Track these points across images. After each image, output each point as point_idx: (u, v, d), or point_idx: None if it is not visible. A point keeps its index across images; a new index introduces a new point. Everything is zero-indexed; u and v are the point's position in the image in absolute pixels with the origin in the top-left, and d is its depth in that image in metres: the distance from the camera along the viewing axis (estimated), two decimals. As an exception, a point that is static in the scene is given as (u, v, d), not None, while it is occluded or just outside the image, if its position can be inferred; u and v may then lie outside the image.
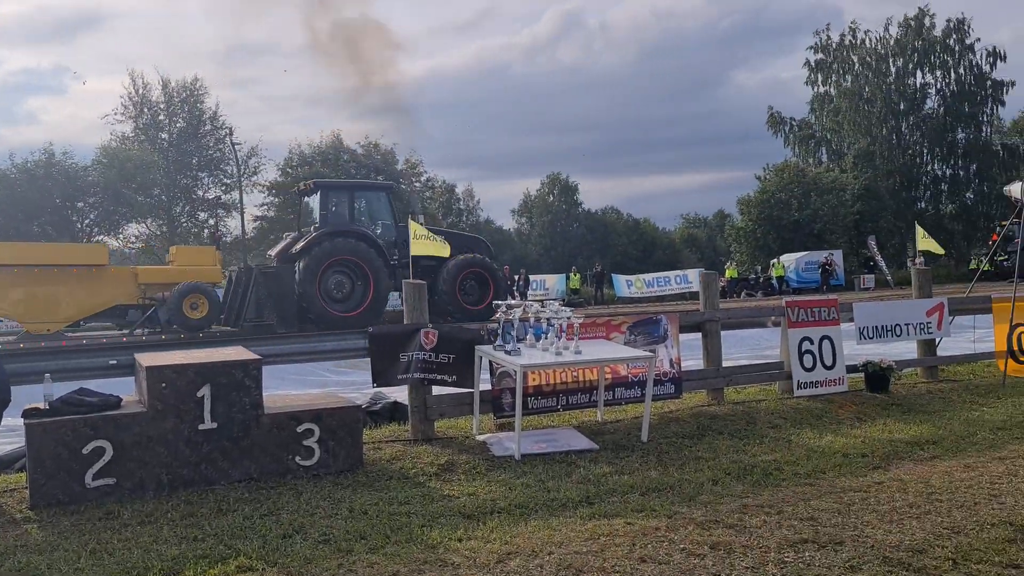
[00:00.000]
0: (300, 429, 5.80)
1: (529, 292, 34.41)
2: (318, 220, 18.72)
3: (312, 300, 17.44)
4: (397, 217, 20.18)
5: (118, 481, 5.34)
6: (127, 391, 6.14)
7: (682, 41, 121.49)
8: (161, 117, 44.31)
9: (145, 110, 44.02)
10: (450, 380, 6.88)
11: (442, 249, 9.35)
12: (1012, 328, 9.76)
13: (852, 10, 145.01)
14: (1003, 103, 53.93)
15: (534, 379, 7.14)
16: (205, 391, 5.53)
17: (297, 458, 5.79)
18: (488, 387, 7.10)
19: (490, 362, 6.91)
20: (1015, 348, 9.83)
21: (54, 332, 16.34)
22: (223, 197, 44.85)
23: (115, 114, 43.70)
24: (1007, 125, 57.26)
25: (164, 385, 5.47)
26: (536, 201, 63.67)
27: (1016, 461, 5.99)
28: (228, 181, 44.83)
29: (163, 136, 44.27)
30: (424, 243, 8.90)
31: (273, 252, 20.11)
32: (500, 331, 6.67)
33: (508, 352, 6.47)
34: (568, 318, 6.67)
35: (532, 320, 6.87)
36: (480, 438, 6.81)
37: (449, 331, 7.03)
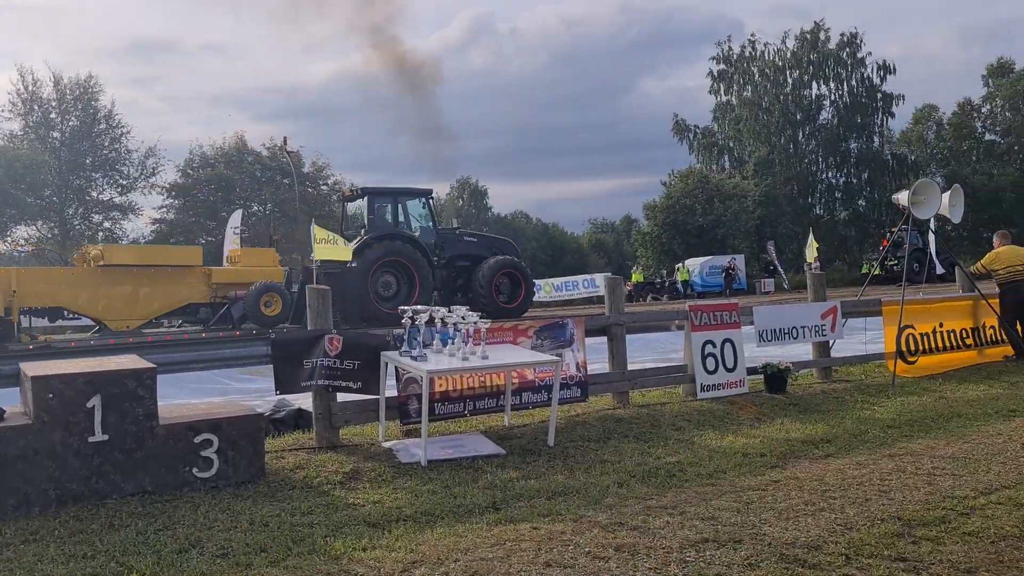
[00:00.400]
0: (198, 439, 5.61)
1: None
2: (367, 224, 19.81)
3: (365, 299, 18.21)
4: (437, 221, 21.36)
5: (1, 498, 5.06)
6: (13, 402, 5.83)
7: (591, 48, 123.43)
8: (53, 115, 42.42)
9: (35, 107, 42.07)
10: (355, 386, 6.77)
11: (344, 253, 9.25)
12: (901, 330, 10.19)
13: (752, 23, 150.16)
14: (892, 115, 56.71)
15: (441, 385, 7.09)
16: (95, 401, 5.30)
17: (194, 470, 5.60)
18: (394, 393, 7.02)
19: (396, 368, 6.83)
20: (904, 349, 10.28)
21: (134, 329, 16.93)
22: (118, 199, 43.18)
23: (2, 111, 41.69)
24: (896, 136, 60.11)
25: (51, 396, 5.22)
26: (446, 205, 63.61)
27: (904, 458, 6.24)
28: (124, 182, 43.24)
29: (55, 135, 42.40)
30: (328, 248, 8.77)
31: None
32: (406, 337, 6.60)
33: (414, 358, 6.40)
34: (475, 323, 6.65)
35: (439, 325, 6.82)
36: (386, 445, 6.73)
37: (354, 337, 6.92)
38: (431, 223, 21.11)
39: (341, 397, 6.86)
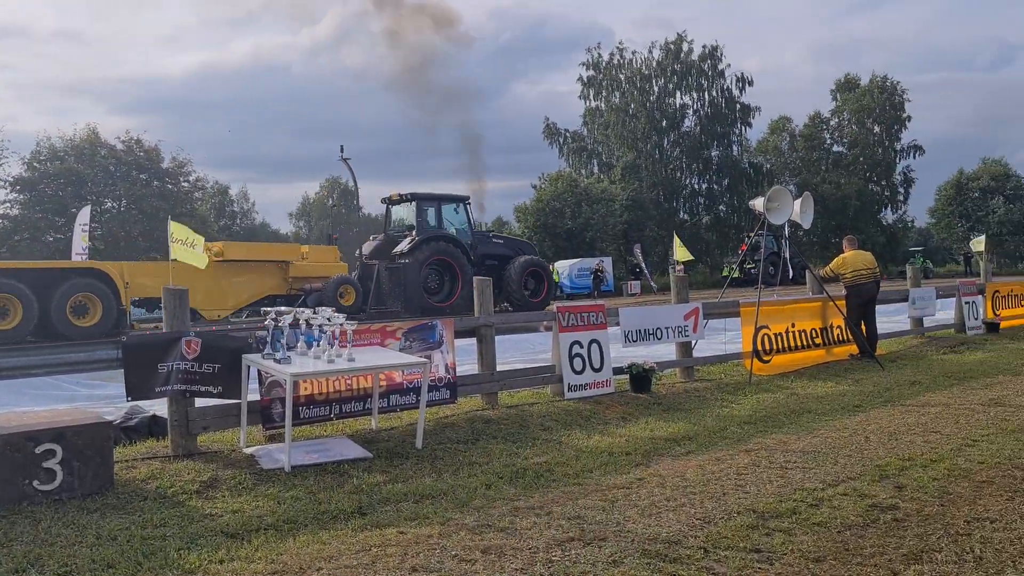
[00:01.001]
0: (39, 450, 5.23)
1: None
2: (416, 226, 22.22)
3: (417, 292, 20.63)
4: (472, 223, 24.00)
5: None
6: None
7: (464, 51, 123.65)
8: None
9: None
10: (215, 391, 6.49)
11: (199, 260, 9.01)
12: (757, 330, 10.64)
13: (621, 32, 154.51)
14: (750, 125, 59.49)
15: (306, 388, 6.90)
16: (-79, 411, 4.87)
17: (35, 482, 5.22)
18: (257, 397, 6.78)
19: (259, 371, 6.60)
20: (759, 348, 10.74)
21: (223, 318, 18.71)
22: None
23: None
24: (753, 145, 63.04)
25: None
26: (315, 205, 62.34)
27: (759, 453, 6.50)
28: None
29: None
30: (183, 249, 8.43)
31: (365, 250, 23.05)
32: (269, 339, 6.39)
33: (278, 360, 6.19)
34: (341, 324, 6.50)
35: (303, 327, 6.63)
36: (248, 451, 6.49)
37: (214, 339, 6.63)
38: (467, 225, 23.62)
39: (200, 402, 6.57)
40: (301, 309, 6.62)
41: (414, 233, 21.89)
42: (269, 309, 6.54)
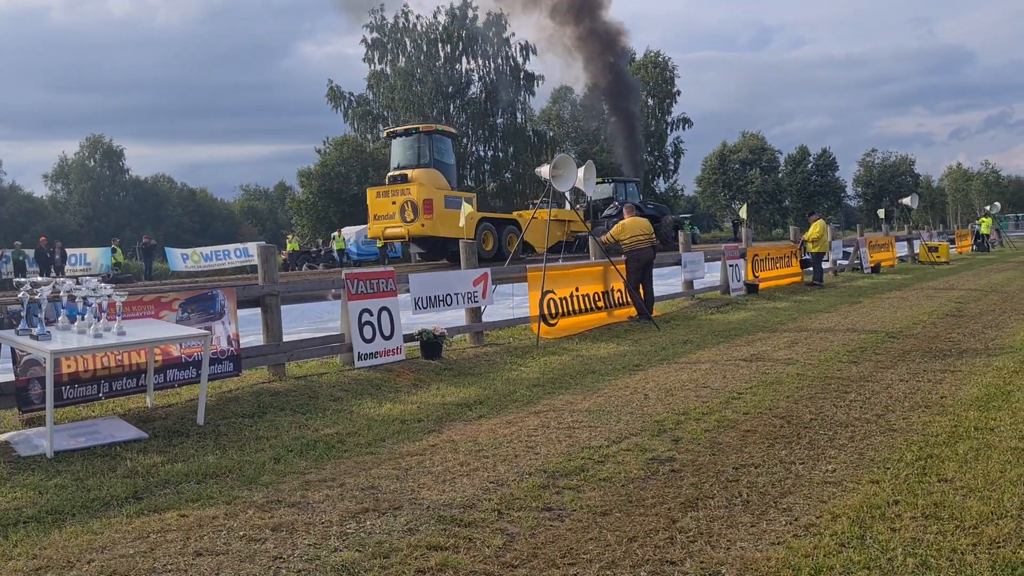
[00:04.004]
0: None
1: (67, 267, 31.01)
2: (618, 200, 31.80)
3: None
4: (640, 194, 35.21)
5: None
6: None
7: (246, 6, 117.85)
8: None
9: None
10: (-41, 373, 5.81)
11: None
12: (543, 295, 10.96)
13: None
14: (534, 93, 60.85)
15: (69, 365, 6.33)
16: None
17: None
18: (12, 378, 6.13)
19: (12, 349, 5.97)
20: (546, 313, 11.06)
21: (539, 253, 25.80)
22: None
23: None
24: (537, 113, 64.72)
25: None
26: (74, 166, 57.38)
27: (548, 414, 6.70)
28: None
29: None
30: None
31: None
32: (24, 313, 5.78)
33: (35, 336, 5.62)
34: (109, 296, 5.99)
35: (65, 299, 6.06)
36: (2, 437, 5.87)
37: (-44, 315, 5.92)
38: (637, 196, 34.24)
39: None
40: (62, 280, 6.03)
41: (616, 202, 31.63)
42: (24, 280, 5.91)
